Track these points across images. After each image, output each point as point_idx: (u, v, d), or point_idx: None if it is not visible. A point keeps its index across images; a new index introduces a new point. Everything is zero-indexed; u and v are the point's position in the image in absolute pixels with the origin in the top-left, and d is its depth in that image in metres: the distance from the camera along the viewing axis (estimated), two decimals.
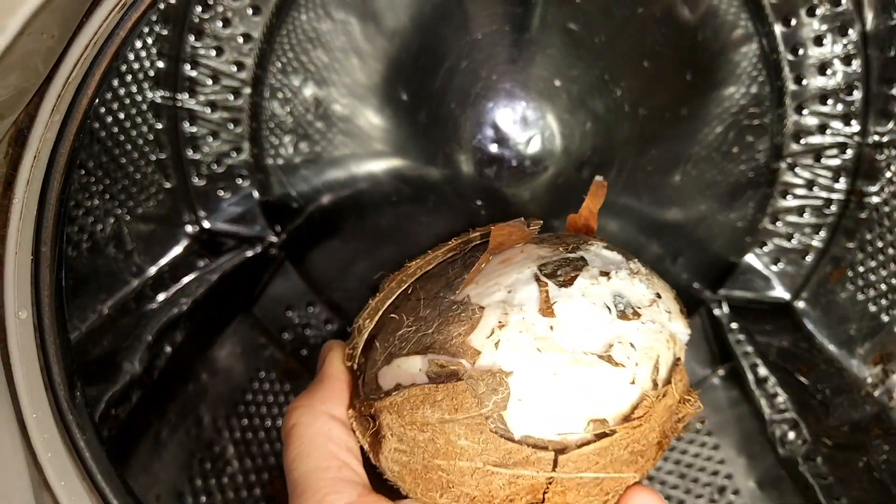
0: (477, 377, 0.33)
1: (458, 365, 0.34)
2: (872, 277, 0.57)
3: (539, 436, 0.34)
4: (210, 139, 0.63)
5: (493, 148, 0.62)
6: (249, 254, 0.65)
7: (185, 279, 0.62)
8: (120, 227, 0.58)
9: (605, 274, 0.36)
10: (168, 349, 0.58)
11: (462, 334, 0.34)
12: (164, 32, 0.58)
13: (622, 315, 0.35)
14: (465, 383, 0.33)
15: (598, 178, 0.42)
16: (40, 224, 0.36)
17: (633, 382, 0.35)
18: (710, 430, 0.65)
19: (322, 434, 0.38)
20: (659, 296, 0.37)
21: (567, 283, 0.35)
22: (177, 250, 0.64)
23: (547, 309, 0.34)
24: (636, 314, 0.36)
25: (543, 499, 0.35)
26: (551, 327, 0.34)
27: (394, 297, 0.39)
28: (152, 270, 0.61)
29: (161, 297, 0.60)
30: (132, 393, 0.54)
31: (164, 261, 0.62)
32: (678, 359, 0.37)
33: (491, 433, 0.34)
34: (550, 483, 0.34)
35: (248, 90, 0.62)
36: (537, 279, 0.35)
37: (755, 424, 0.61)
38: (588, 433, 0.34)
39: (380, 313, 0.39)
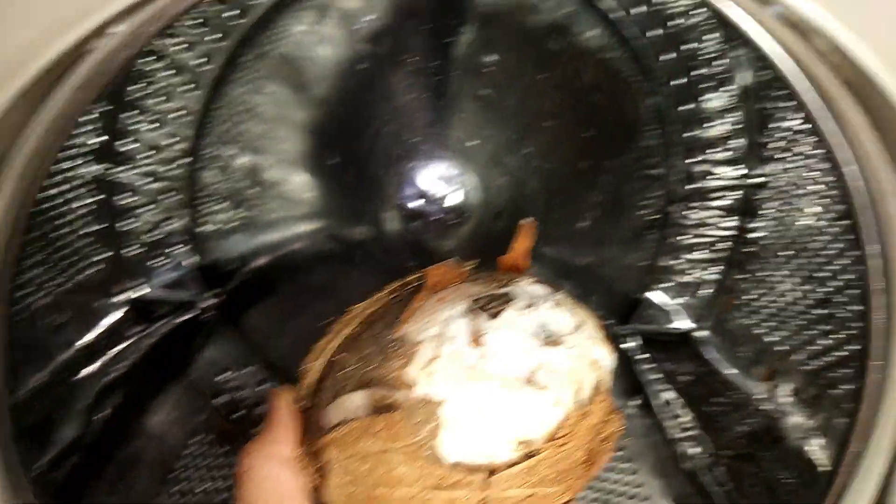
0: (412, 407, 0.36)
1: (395, 397, 0.37)
2: (757, 304, 0.64)
3: (471, 459, 0.37)
4: (146, 209, 0.65)
5: (417, 204, 0.67)
6: (184, 318, 0.66)
7: (120, 346, 0.62)
8: (56, 298, 0.59)
9: (531, 306, 0.40)
10: (103, 415, 0.59)
11: (399, 368, 0.38)
12: (102, 108, 0.60)
13: (546, 342, 0.39)
14: (401, 413, 0.36)
15: (527, 219, 0.46)
16: None
17: (556, 404, 0.38)
18: (629, 456, 0.70)
19: (272, 477, 0.41)
20: (581, 324, 0.41)
21: (495, 315, 0.39)
22: (112, 318, 0.64)
23: (477, 340, 0.38)
24: (559, 341, 0.39)
25: None
26: (481, 356, 0.38)
27: (339, 340, 0.42)
28: (87, 339, 0.61)
29: (96, 364, 0.60)
30: (69, 458, 0.54)
31: (98, 329, 0.63)
32: (600, 381, 0.41)
33: (426, 459, 0.36)
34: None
35: (184, 161, 0.65)
36: (468, 313, 0.39)
37: (668, 448, 0.66)
38: (516, 454, 0.37)
39: (325, 356, 0.42)
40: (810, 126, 0.54)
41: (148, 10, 0.38)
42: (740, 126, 0.65)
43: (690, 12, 0.62)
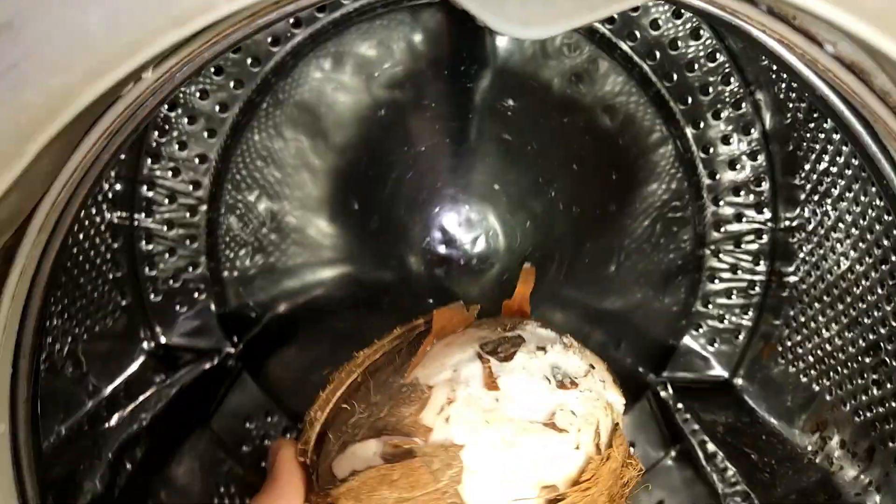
0: (431, 453, 0.35)
1: (412, 443, 0.36)
2: (800, 350, 0.61)
3: None
4: (167, 256, 0.66)
5: (442, 249, 0.66)
6: (206, 366, 0.66)
7: (143, 396, 0.62)
8: (77, 347, 0.58)
9: (542, 349, 0.39)
10: (128, 467, 0.58)
11: (413, 413, 0.36)
12: (123, 156, 0.61)
13: (561, 385, 0.38)
14: (420, 460, 0.35)
15: (527, 264, 0.46)
16: (21, 338, 0.37)
17: (577, 448, 0.37)
18: None
19: None
20: (593, 367, 0.40)
21: (507, 358, 0.38)
22: (133, 367, 0.64)
23: (491, 383, 0.37)
24: (574, 384, 0.38)
25: None
26: (497, 399, 0.37)
27: (344, 388, 0.41)
28: (109, 389, 0.61)
29: (118, 415, 0.60)
30: None
31: (120, 378, 0.62)
32: (616, 424, 0.39)
33: None
34: None
35: (204, 207, 0.65)
36: (480, 356, 0.38)
37: (711, 502, 0.62)
38: (541, 499, 0.36)
39: (331, 405, 0.41)
40: (853, 170, 0.53)
41: (176, 57, 0.38)
42: (765, 169, 0.64)
43: (711, 57, 0.62)
